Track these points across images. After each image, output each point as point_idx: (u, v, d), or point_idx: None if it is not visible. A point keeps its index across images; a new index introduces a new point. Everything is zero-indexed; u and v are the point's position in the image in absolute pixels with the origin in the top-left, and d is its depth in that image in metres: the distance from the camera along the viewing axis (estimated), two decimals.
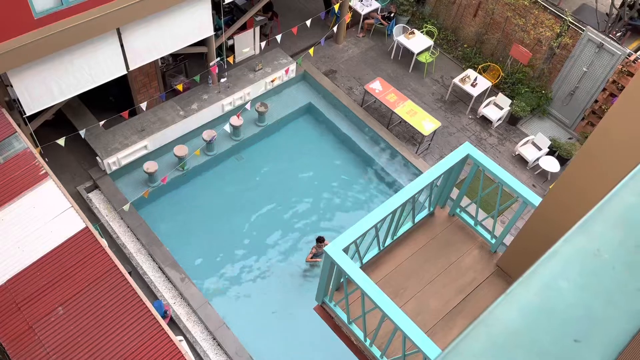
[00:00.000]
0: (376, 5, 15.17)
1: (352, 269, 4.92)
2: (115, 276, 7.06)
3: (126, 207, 10.60)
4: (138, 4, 9.00)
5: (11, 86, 8.82)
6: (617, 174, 1.08)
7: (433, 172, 5.70)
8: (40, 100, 9.25)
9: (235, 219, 11.81)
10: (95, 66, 9.56)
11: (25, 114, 9.19)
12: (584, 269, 0.83)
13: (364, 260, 6.04)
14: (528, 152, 12.72)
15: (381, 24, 15.05)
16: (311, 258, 11.06)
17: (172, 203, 11.87)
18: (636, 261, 0.83)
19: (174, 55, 12.48)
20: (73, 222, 7.35)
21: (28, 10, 7.81)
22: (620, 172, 1.04)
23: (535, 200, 5.44)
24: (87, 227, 7.37)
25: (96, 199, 11.35)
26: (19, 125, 8.73)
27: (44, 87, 9.12)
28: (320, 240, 10.82)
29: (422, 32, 14.67)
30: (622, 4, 13.68)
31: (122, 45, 9.71)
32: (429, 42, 14.25)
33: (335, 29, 14.28)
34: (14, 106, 9.10)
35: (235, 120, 12.23)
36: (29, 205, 7.37)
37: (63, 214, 7.37)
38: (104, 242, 7.40)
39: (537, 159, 12.62)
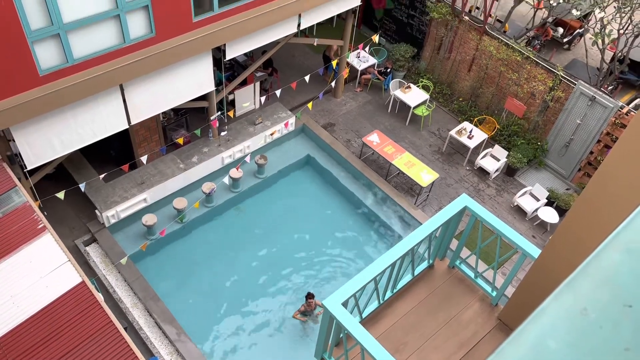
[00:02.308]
0: (373, 61, 15.60)
1: (351, 323, 4.85)
2: (111, 332, 6.92)
3: (123, 261, 10.51)
4: (141, 61, 9.26)
5: (13, 141, 8.94)
6: (615, 223, 1.10)
7: (431, 224, 5.71)
8: (42, 154, 9.35)
9: (233, 272, 11.69)
10: (97, 121, 9.72)
11: (26, 168, 9.27)
12: (571, 328, 0.83)
13: (364, 315, 5.95)
14: (526, 203, 12.75)
15: (378, 79, 15.43)
16: (299, 315, 10.79)
17: (170, 256, 11.78)
18: (623, 320, 0.84)
19: (175, 110, 12.72)
20: (69, 277, 7.28)
21: (33, 67, 8.03)
22: (619, 222, 1.06)
23: (534, 251, 5.42)
24: (83, 282, 7.28)
25: (94, 253, 11.27)
26: (19, 179, 8.79)
27: (46, 142, 9.24)
28: (309, 296, 10.56)
29: (418, 86, 15.02)
30: (612, 59, 14.08)
31: (124, 101, 9.91)
32: (425, 96, 14.57)
33: (333, 84, 14.63)
34: (15, 160, 9.19)
35: (234, 173, 12.32)
36: (26, 260, 7.31)
37: (59, 268, 7.30)
38: (100, 297, 7.30)
39: (536, 210, 12.64)
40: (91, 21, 8.25)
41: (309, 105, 13.51)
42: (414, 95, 14.54)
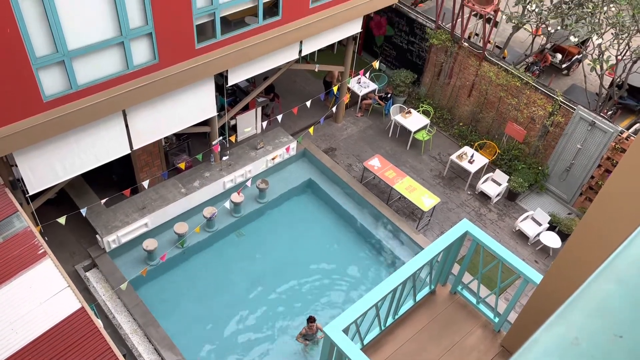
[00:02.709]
0: (373, 86, 15.75)
1: (352, 350, 4.80)
2: (109, 359, 6.85)
3: (123, 286, 10.45)
4: (144, 87, 9.37)
5: (16, 166, 8.99)
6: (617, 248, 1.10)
7: (432, 249, 5.69)
8: (44, 179, 9.39)
9: (234, 297, 11.60)
10: (99, 146, 9.78)
11: (28, 193, 9.30)
12: (563, 358, 0.83)
13: (365, 341, 5.88)
14: (528, 228, 12.71)
15: (378, 104, 15.55)
16: (301, 339, 10.70)
17: (171, 281, 11.72)
18: (614, 350, 0.84)
19: (178, 135, 12.81)
20: (69, 303, 7.23)
21: (38, 93, 8.12)
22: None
23: (536, 277, 5.39)
24: (82, 308, 7.24)
25: (94, 278, 11.22)
26: (21, 204, 8.81)
27: (49, 167, 9.29)
28: (310, 320, 10.48)
29: (418, 111, 15.12)
30: (611, 84, 14.20)
31: (127, 126, 10.00)
32: (425, 120, 14.66)
33: (334, 109, 14.74)
34: (17, 185, 9.22)
35: (236, 197, 12.34)
36: (26, 285, 7.28)
37: (59, 294, 7.27)
38: (99, 323, 7.25)
39: (538, 235, 12.59)
40: (96, 48, 8.38)
41: (310, 130, 13.59)
42: (415, 120, 14.64)
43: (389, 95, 15.54)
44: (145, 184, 11.34)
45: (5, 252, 7.68)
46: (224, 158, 13.03)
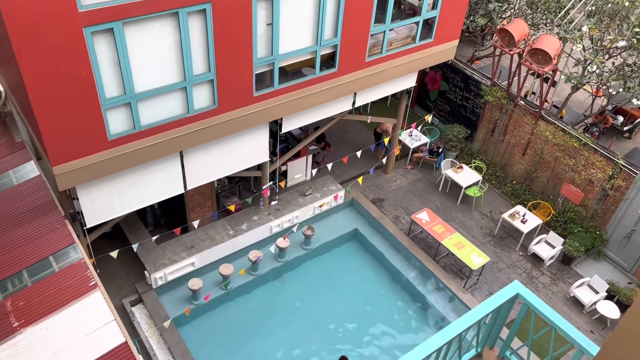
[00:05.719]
0: (425, 139, 15.74)
1: None
2: None
3: (166, 324, 10.55)
4: (202, 130, 9.73)
5: (77, 199, 9.42)
6: None
7: (481, 309, 5.49)
8: (102, 213, 9.78)
9: (273, 343, 11.47)
10: (156, 184, 10.14)
11: (86, 225, 9.68)
12: None
13: None
14: (584, 295, 12.07)
15: (431, 157, 15.49)
16: None
17: (212, 322, 11.74)
18: None
19: (230, 177, 13.13)
20: (113, 336, 7.36)
21: (104, 132, 8.58)
22: None
23: (593, 348, 5.08)
24: (126, 342, 7.34)
25: (139, 313, 11.40)
26: (78, 237, 9.17)
27: (107, 202, 9.69)
28: (343, 359, 10.27)
29: (470, 167, 14.94)
30: None
31: (182, 166, 10.35)
32: (477, 177, 14.45)
33: (384, 160, 14.78)
34: (76, 218, 9.63)
35: (281, 242, 12.40)
36: (75, 316, 7.48)
37: (105, 326, 7.41)
38: (140, 359, 7.31)
39: (595, 303, 11.93)
40: (160, 92, 8.82)
41: (360, 179, 13.63)
42: (466, 176, 14.45)
43: (440, 150, 15.47)
44: (196, 224, 11.60)
45: (59, 281, 7.96)
46: (273, 203, 13.21)
